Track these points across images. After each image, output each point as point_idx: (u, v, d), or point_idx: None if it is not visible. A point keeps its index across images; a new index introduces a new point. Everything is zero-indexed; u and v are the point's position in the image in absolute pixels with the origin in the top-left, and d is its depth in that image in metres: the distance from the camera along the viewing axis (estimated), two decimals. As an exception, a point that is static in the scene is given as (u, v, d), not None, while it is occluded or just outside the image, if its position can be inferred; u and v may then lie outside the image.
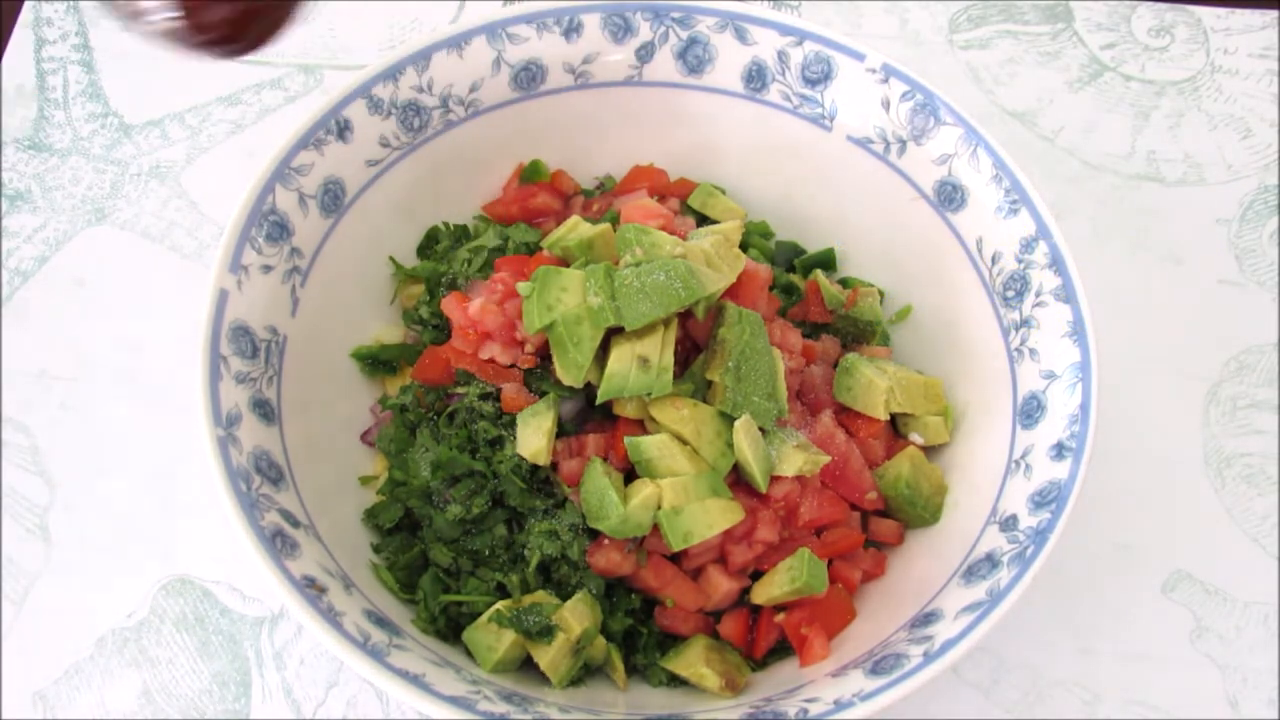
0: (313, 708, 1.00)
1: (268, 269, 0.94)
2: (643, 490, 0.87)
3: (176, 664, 1.01)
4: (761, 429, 0.91)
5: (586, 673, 0.93)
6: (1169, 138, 1.31)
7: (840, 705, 0.79)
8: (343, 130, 0.99)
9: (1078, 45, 1.38)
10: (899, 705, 0.78)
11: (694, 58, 1.07)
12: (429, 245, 1.10)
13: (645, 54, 1.07)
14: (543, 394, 0.93)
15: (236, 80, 1.32)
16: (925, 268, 1.06)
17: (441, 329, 1.02)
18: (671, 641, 0.94)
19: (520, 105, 1.08)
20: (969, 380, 1.02)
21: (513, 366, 0.94)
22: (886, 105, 1.02)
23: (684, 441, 0.89)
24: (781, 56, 1.05)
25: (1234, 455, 1.13)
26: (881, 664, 0.82)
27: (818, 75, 1.04)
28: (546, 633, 0.88)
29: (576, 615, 0.88)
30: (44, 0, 1.36)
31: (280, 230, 0.95)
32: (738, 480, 0.92)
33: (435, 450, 0.93)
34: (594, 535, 0.90)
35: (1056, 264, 0.93)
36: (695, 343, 0.95)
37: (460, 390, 0.95)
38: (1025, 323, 0.95)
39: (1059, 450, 0.88)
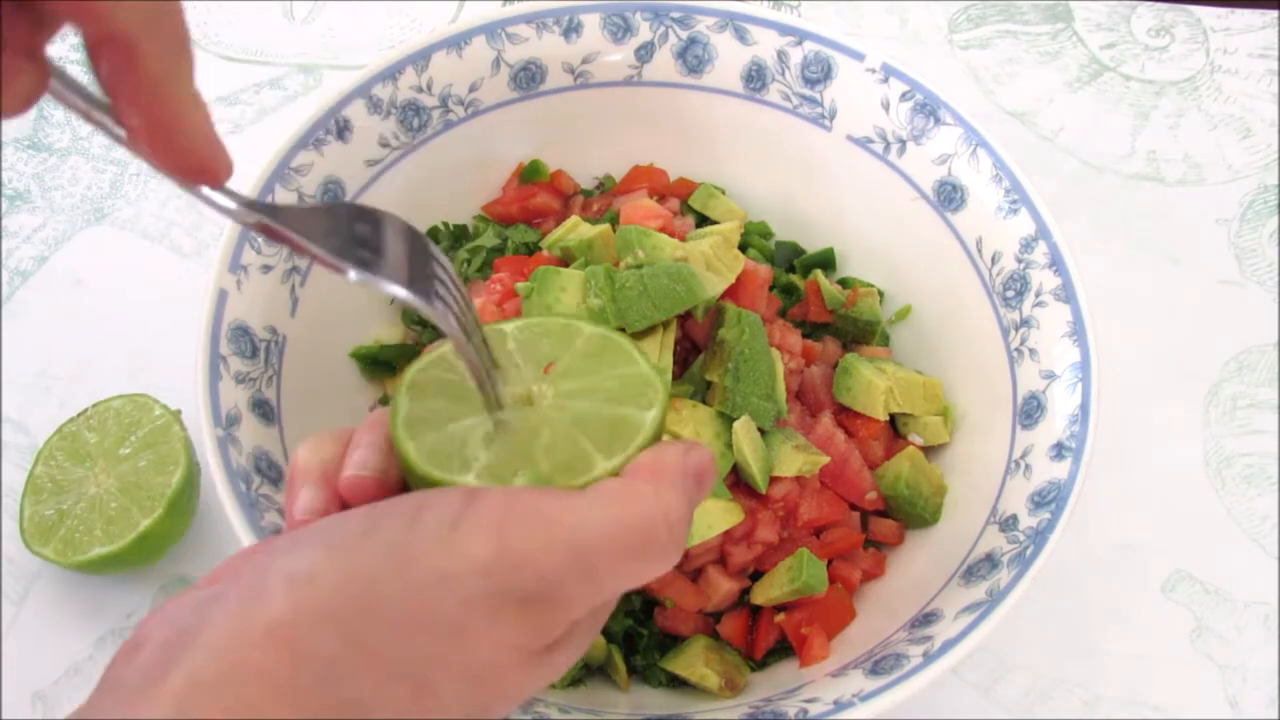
0: (312, 708, 1.00)
1: (267, 269, 0.94)
2: (642, 491, 0.87)
3: (176, 664, 1.01)
4: (761, 430, 0.91)
5: (587, 673, 0.93)
6: (1169, 138, 1.31)
7: (840, 705, 0.78)
8: (342, 130, 0.99)
9: (1078, 45, 1.38)
10: (899, 706, 0.78)
11: (694, 58, 1.06)
12: (429, 245, 1.10)
13: (645, 54, 1.06)
14: (542, 394, 0.93)
15: (236, 80, 1.32)
16: (925, 268, 1.05)
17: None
18: (671, 642, 0.94)
19: (520, 105, 1.08)
20: (969, 380, 1.02)
21: (512, 367, 0.94)
22: (886, 105, 1.02)
23: (684, 442, 0.89)
24: (781, 56, 1.05)
25: (1234, 455, 1.13)
26: (881, 664, 0.82)
27: (817, 75, 1.04)
28: (546, 633, 0.87)
29: (576, 615, 0.88)
30: (43, 0, 1.36)
31: (280, 230, 0.95)
32: (737, 481, 0.91)
33: (435, 450, 0.93)
34: (594, 535, 0.90)
35: (1056, 264, 0.93)
36: (694, 344, 0.94)
37: (460, 390, 0.95)
38: (1025, 323, 0.95)
39: (1059, 450, 0.88)
